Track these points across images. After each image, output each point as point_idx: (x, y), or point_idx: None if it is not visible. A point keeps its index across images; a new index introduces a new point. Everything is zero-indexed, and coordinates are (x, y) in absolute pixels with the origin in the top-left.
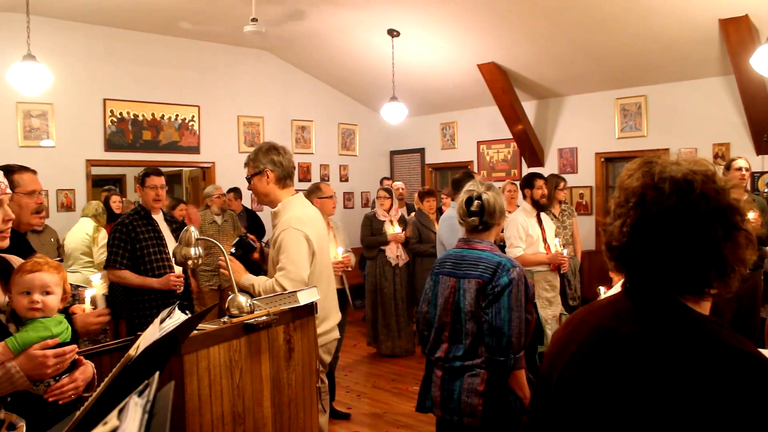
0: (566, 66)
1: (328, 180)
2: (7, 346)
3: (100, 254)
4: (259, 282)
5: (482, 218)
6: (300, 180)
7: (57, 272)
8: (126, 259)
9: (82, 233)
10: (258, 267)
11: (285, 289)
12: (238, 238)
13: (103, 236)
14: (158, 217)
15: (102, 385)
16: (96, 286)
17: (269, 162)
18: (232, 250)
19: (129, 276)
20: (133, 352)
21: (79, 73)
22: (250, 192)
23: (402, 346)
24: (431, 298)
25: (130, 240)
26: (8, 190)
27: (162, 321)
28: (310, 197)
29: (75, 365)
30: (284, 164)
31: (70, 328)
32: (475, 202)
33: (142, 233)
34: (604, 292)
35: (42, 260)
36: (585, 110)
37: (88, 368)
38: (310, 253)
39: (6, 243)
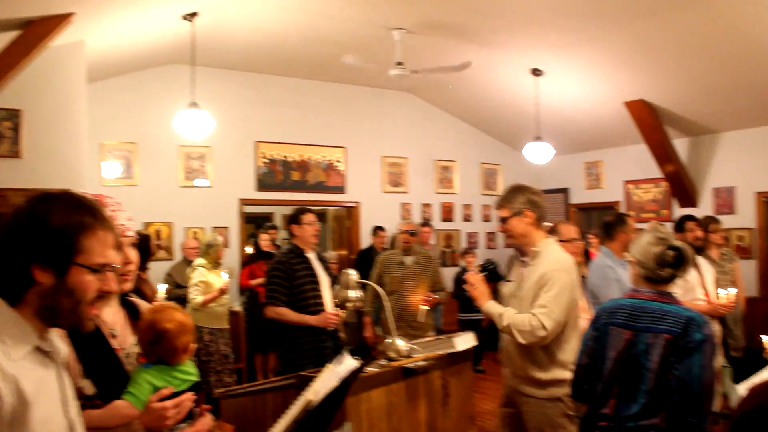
0: (722, 101)
1: (471, 220)
2: (131, 404)
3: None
4: (510, 314)
5: (676, 270)
6: (443, 220)
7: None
8: (284, 296)
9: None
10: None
11: (544, 327)
12: (485, 261)
13: (198, 273)
14: (311, 256)
15: (283, 425)
16: None
17: (527, 202)
18: (483, 269)
19: (288, 313)
20: (312, 396)
21: (234, 118)
22: (503, 231)
23: None
24: (595, 349)
25: (288, 277)
26: (129, 233)
27: (336, 366)
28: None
29: (194, 412)
30: (542, 205)
31: (194, 375)
32: (670, 252)
33: (299, 271)
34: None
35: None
36: (743, 147)
37: (207, 419)
38: (570, 300)
39: (129, 286)
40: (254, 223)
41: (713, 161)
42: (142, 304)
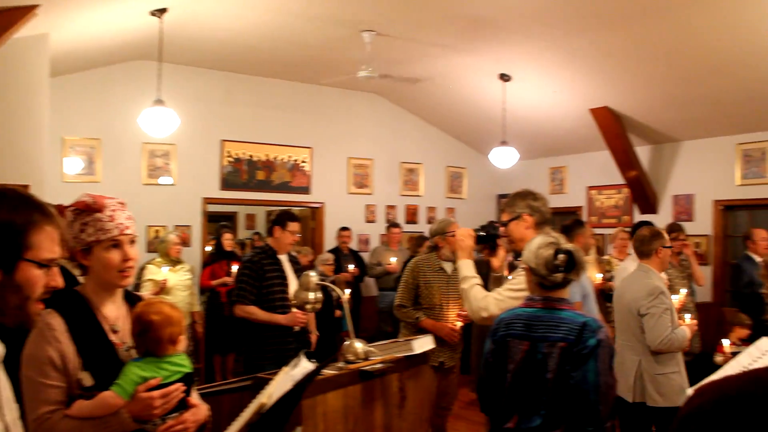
0: (683, 111)
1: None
2: (116, 394)
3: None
4: (474, 283)
5: (567, 274)
6: (407, 222)
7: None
8: (253, 295)
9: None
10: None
11: (489, 311)
12: (489, 222)
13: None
14: (283, 258)
15: (236, 428)
16: None
17: (526, 207)
18: (479, 228)
19: (257, 312)
20: (266, 399)
21: (200, 116)
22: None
23: None
24: (494, 363)
25: (258, 277)
26: (128, 231)
27: (292, 368)
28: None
29: (186, 402)
30: (542, 210)
31: (186, 366)
32: (561, 256)
33: (269, 272)
34: (729, 346)
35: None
36: (703, 156)
37: (201, 410)
38: None
39: (128, 281)
40: (216, 222)
41: (673, 169)
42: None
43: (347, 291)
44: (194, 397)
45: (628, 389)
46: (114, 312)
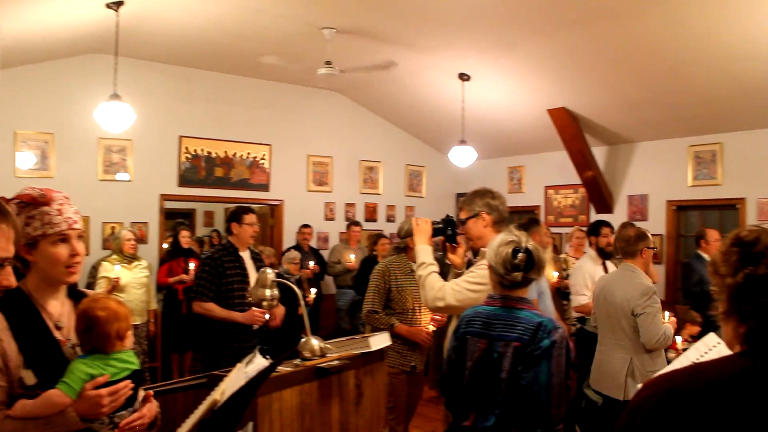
0: (638, 112)
1: (394, 221)
2: (62, 392)
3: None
4: (431, 270)
5: (527, 273)
6: (366, 220)
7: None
8: (212, 292)
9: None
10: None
11: (445, 300)
12: (447, 215)
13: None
14: (245, 255)
15: (188, 425)
16: None
17: (485, 205)
18: (438, 221)
19: (215, 309)
20: (218, 396)
21: (157, 111)
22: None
23: None
24: (455, 360)
25: (218, 274)
26: (77, 226)
27: (246, 365)
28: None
29: (135, 400)
30: (500, 209)
31: (133, 363)
32: (520, 255)
33: (229, 269)
34: (681, 342)
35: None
36: (656, 157)
37: (153, 406)
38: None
39: (75, 278)
40: (175, 219)
41: (628, 170)
42: (90, 294)
43: (313, 290)
44: (141, 395)
45: (618, 388)
46: (58, 308)
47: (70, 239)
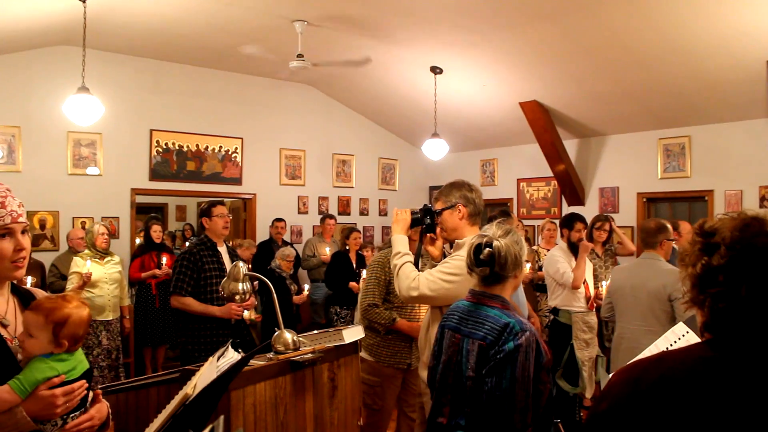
0: (609, 105)
1: (367, 214)
2: (12, 389)
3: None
4: (406, 260)
5: (493, 269)
6: (339, 213)
7: (42, 314)
8: (190, 287)
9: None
10: (288, 302)
11: (419, 290)
12: (425, 205)
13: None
14: (222, 250)
15: (160, 420)
16: None
17: (462, 197)
18: (417, 209)
19: (192, 303)
20: (190, 390)
21: (127, 105)
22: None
23: None
24: (437, 353)
25: (197, 269)
26: (21, 219)
27: (218, 359)
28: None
29: (87, 400)
30: (476, 202)
31: (84, 363)
32: (485, 250)
33: (207, 263)
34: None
35: (40, 301)
36: (627, 150)
37: (103, 407)
38: (459, 285)
39: (21, 273)
40: (147, 213)
41: (600, 162)
42: (38, 292)
43: (306, 286)
44: (91, 395)
45: None
46: (2, 305)
47: (14, 233)
